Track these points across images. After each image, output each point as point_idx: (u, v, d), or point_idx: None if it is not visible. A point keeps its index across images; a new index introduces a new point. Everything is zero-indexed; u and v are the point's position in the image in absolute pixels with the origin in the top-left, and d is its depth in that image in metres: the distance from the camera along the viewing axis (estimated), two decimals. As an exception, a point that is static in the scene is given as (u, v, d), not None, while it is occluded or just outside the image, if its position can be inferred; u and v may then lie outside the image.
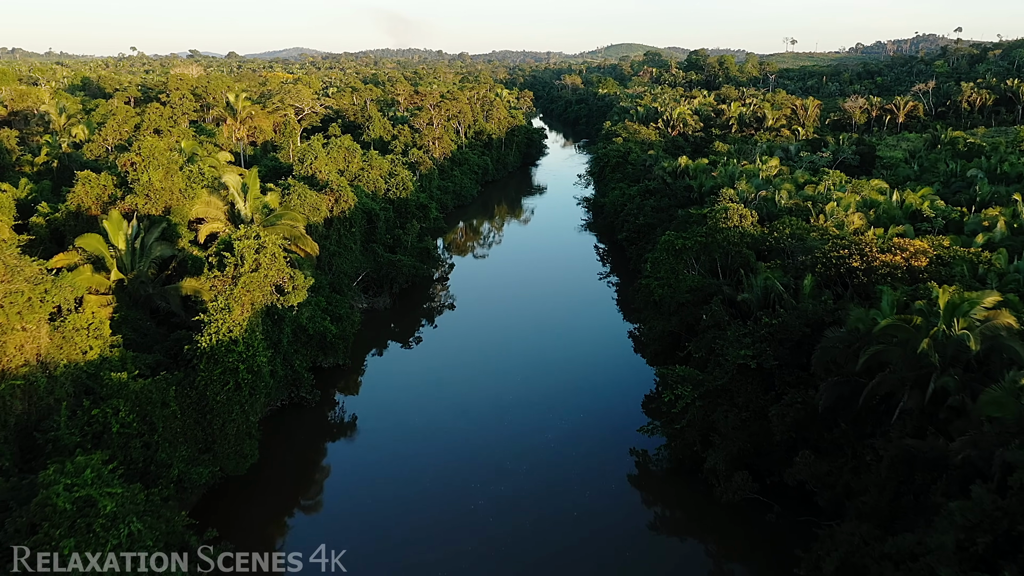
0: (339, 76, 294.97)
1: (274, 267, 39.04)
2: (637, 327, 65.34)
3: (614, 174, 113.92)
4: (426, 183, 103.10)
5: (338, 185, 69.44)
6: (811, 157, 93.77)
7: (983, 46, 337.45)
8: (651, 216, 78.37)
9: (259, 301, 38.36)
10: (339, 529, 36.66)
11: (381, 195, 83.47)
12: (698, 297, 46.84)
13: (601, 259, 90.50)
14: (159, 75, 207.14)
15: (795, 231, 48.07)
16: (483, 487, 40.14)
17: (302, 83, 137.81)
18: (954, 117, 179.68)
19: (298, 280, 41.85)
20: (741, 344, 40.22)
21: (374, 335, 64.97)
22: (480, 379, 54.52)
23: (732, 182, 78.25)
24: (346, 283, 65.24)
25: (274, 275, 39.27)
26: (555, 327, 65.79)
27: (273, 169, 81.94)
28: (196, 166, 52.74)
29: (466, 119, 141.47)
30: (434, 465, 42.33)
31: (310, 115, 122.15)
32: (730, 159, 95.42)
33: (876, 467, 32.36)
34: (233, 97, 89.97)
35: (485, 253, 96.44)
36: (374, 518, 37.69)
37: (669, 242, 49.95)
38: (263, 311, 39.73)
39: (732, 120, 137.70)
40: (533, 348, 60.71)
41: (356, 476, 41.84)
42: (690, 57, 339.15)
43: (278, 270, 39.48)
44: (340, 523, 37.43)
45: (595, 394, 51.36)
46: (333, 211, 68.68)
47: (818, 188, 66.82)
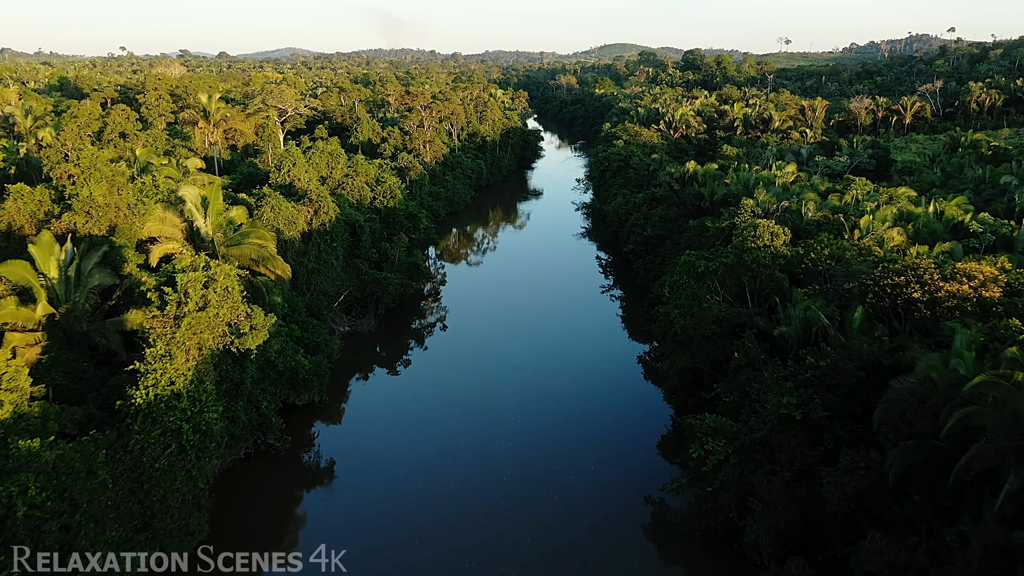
0: (330, 76, 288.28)
1: (227, 304, 32.59)
2: (649, 350, 59.19)
3: (615, 179, 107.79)
4: (416, 189, 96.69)
5: (318, 195, 63.04)
6: (827, 162, 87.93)
7: (982, 46, 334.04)
8: (660, 227, 72.20)
9: (209, 344, 31.96)
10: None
11: (367, 204, 77.05)
12: (726, 329, 40.68)
13: (604, 271, 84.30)
14: (142, 75, 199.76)
15: (834, 251, 41.94)
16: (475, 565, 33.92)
17: (286, 83, 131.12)
18: (962, 118, 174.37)
19: (257, 319, 35.29)
20: (782, 390, 34.06)
21: (357, 361, 58.61)
22: (474, 415, 48.20)
23: (748, 190, 72.17)
24: (325, 304, 58.84)
25: (227, 313, 32.82)
26: (556, 350, 59.56)
27: (250, 176, 75.40)
28: (150, 177, 46.17)
29: (459, 121, 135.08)
30: (419, 527, 36.14)
31: (294, 117, 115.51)
32: (741, 164, 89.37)
33: (962, 554, 26.30)
34: (206, 98, 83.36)
35: (479, 263, 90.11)
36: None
37: (690, 263, 43.76)
38: (216, 354, 33.29)
39: (737, 122, 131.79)
40: (532, 376, 54.43)
41: (326, 536, 35.50)
42: (686, 57, 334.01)
43: (232, 307, 33.01)
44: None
45: (605, 434, 45.16)
46: (312, 224, 62.28)
47: (845, 198, 60.86)
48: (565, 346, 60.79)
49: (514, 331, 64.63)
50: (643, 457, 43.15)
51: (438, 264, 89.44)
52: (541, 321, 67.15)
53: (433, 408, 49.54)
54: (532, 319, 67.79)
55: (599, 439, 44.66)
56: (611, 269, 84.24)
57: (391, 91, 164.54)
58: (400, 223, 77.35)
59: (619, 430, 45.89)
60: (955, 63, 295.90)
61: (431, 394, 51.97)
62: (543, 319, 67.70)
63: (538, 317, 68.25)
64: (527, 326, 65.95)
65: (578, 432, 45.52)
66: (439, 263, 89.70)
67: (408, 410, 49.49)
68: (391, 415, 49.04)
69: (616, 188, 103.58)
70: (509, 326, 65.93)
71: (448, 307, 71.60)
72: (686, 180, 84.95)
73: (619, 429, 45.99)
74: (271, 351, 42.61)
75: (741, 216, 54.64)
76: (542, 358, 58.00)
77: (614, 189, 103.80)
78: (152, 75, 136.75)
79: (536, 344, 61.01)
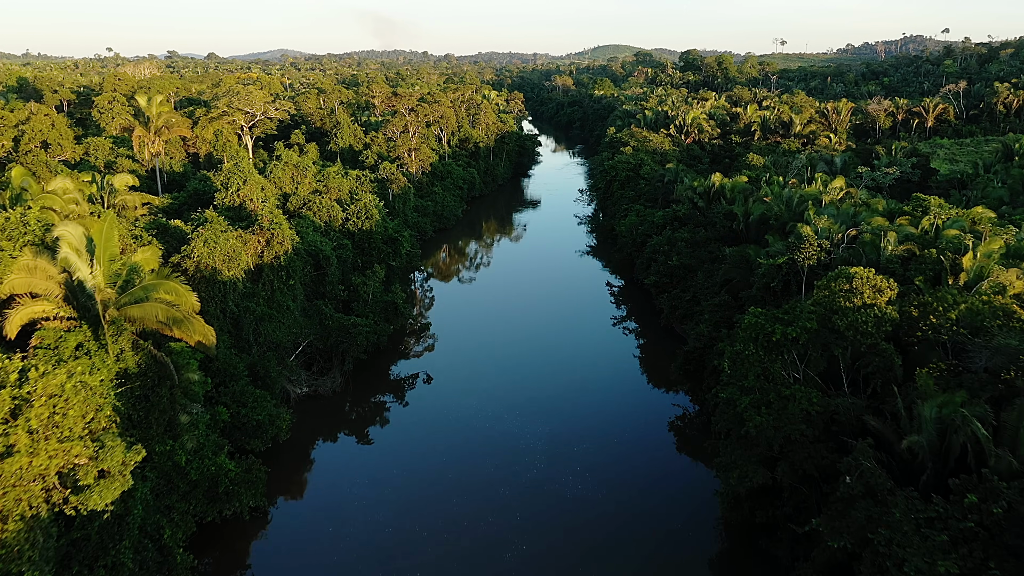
0: (318, 78, 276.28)
1: (47, 447, 20.31)
2: (682, 415, 47.28)
3: (624, 191, 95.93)
4: (399, 205, 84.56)
5: (271, 220, 50.87)
6: (872, 174, 76.37)
7: (989, 45, 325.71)
8: (687, 255, 60.27)
9: (17, 512, 19.68)
10: None
11: (337, 227, 64.92)
12: (819, 431, 28.79)
13: (615, 299, 72.32)
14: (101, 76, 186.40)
15: (964, 313, 30.08)
16: None
17: (255, 85, 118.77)
18: (988, 120, 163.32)
19: (111, 457, 22.83)
20: (931, 546, 22.26)
21: (317, 427, 46.51)
22: (463, 520, 36.15)
23: (792, 210, 60.33)
24: (277, 361, 46.53)
25: (54, 459, 20.48)
26: (562, 408, 47.59)
27: (198, 195, 62.98)
28: (18, 211, 33.89)
29: (449, 125, 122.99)
30: None
31: (264, 121, 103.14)
32: (772, 176, 77.57)
33: None
34: (144, 101, 70.94)
35: (471, 289, 77.84)
36: None
37: (758, 328, 31.84)
38: (40, 520, 21.04)
39: (755, 126, 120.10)
40: (533, 463, 42.38)
41: None
42: (685, 57, 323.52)
43: (63, 450, 20.74)
44: None
45: (638, 547, 33.26)
46: (264, 256, 50.12)
47: (922, 223, 49.08)
48: (577, 400, 48.86)
49: (512, 377, 52.61)
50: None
51: (425, 287, 77.30)
52: (545, 365, 55.20)
53: (415, 505, 37.41)
54: (533, 362, 55.90)
55: (629, 552, 32.73)
56: (625, 297, 72.24)
57: (377, 92, 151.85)
58: (377, 249, 65.22)
59: (666, 542, 33.95)
60: (964, 63, 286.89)
61: (410, 477, 39.84)
62: (547, 362, 55.80)
63: (541, 359, 56.30)
64: (528, 370, 54.07)
65: (605, 531, 33.57)
66: (425, 287, 77.56)
67: (381, 505, 37.34)
68: (355, 514, 36.89)
69: (626, 202, 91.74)
70: (506, 371, 53.95)
71: (435, 346, 59.62)
72: (712, 196, 73.11)
73: (665, 541, 34.04)
74: (179, 455, 30.46)
75: (806, 250, 42.76)
76: (548, 417, 45.99)
77: (623, 203, 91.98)
78: (111, 75, 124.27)
79: (541, 398, 49.02)
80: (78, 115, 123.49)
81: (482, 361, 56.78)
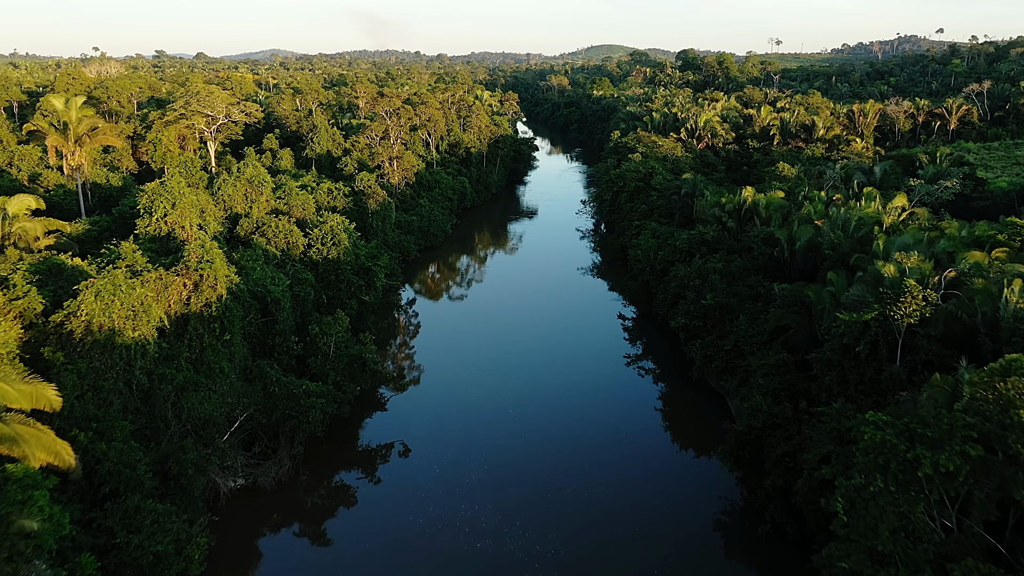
0: (306, 77, 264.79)
1: None
2: (727, 509, 36.28)
3: (633, 204, 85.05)
4: (377, 222, 73.23)
5: (200, 257, 39.55)
6: (927, 187, 65.64)
7: (997, 44, 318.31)
8: (723, 292, 49.18)
9: None
10: None
11: (298, 255, 53.67)
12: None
13: (630, 335, 61.26)
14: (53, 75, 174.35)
15: None
16: None
17: (229, 83, 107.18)
18: (1014, 123, 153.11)
19: None
20: None
21: (253, 534, 35.33)
22: None
23: (849, 236, 49.45)
24: (192, 458, 35.02)
25: None
26: (580, 492, 36.55)
27: (125, 219, 51.56)
28: None
29: (438, 129, 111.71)
30: None
31: (229, 125, 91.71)
32: (811, 190, 66.77)
33: None
34: (61, 104, 58.89)
35: (461, 320, 66.19)
36: None
37: (887, 448, 20.90)
38: None
39: (773, 129, 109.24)
40: (547, 537, 31.27)
41: None
42: (683, 56, 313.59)
43: None
44: None
45: None
46: (191, 303, 38.84)
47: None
48: (595, 476, 37.83)
49: (512, 443, 41.43)
50: None
51: (409, 313, 65.96)
52: (553, 422, 44.10)
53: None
54: (538, 416, 44.76)
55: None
56: (641, 333, 61.13)
57: (361, 93, 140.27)
58: (346, 282, 54.02)
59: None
60: (972, 62, 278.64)
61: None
62: (555, 417, 44.75)
63: (547, 413, 45.26)
64: (532, 432, 42.85)
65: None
66: (410, 312, 66.23)
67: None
68: None
69: (637, 217, 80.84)
70: (505, 433, 42.79)
71: (417, 393, 48.47)
72: (743, 214, 62.22)
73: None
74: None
75: (906, 304, 31.77)
76: (559, 494, 34.87)
77: (634, 218, 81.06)
78: (64, 74, 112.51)
79: (549, 471, 37.96)
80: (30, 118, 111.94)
81: (473, 420, 45.53)
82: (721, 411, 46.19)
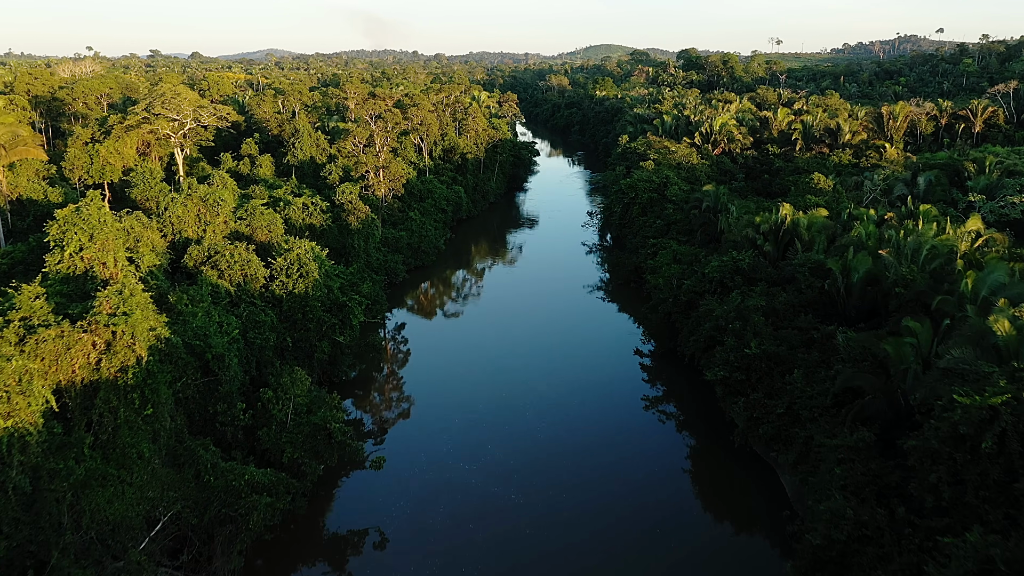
0: (301, 77, 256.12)
1: None
2: None
3: (647, 218, 76.46)
4: (359, 243, 64.47)
5: (114, 308, 30.82)
6: (991, 206, 57.22)
7: (1007, 43, 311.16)
8: (771, 339, 40.43)
9: None
10: None
11: (258, 289, 44.92)
12: None
13: (650, 376, 52.62)
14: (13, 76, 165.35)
15: None
16: None
17: (201, 84, 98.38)
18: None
19: None
20: None
21: None
22: None
23: (924, 269, 40.84)
24: (110, 555, 26.36)
25: None
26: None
27: (39, 252, 42.64)
28: None
29: (431, 133, 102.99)
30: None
31: (198, 130, 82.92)
32: (855, 207, 58.18)
33: None
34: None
35: (454, 356, 57.21)
36: None
37: None
38: None
39: (795, 134, 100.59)
40: None
41: None
42: (685, 55, 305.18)
43: None
44: None
45: None
46: (102, 368, 30.13)
47: None
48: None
49: (510, 549, 32.72)
50: None
51: (397, 338, 57.11)
52: (562, 511, 35.38)
53: None
54: (541, 508, 36.04)
55: None
56: (664, 379, 52.49)
57: (351, 93, 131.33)
58: (316, 320, 45.27)
59: None
60: (984, 62, 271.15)
61: None
62: (566, 502, 36.01)
63: (555, 501, 36.51)
64: (538, 530, 34.12)
65: None
66: (398, 338, 57.39)
67: None
68: None
69: (652, 233, 72.27)
70: (501, 531, 34.08)
71: (394, 467, 39.74)
72: (781, 236, 53.55)
73: None
74: None
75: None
76: None
77: (649, 235, 72.49)
78: (24, 74, 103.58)
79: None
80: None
81: (465, 508, 36.81)
82: (772, 488, 37.59)
